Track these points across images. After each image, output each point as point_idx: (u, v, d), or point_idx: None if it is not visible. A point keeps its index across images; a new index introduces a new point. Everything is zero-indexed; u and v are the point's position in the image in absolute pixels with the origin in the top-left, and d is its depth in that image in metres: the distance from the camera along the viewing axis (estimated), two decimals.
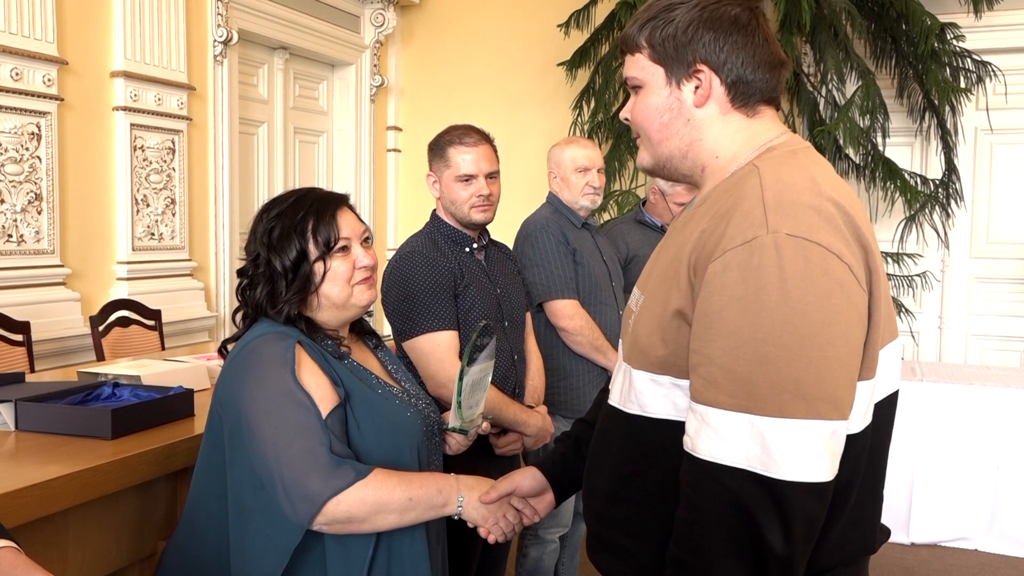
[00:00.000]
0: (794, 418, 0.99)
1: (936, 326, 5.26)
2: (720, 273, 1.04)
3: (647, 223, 3.24)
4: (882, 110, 4.70)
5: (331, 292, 1.54)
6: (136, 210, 4.10)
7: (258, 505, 1.44)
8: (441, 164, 2.27)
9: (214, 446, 1.52)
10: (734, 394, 1.02)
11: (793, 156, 1.17)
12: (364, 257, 1.57)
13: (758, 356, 1.00)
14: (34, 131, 3.60)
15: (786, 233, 1.02)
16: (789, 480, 0.99)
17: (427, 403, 1.70)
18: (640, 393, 1.18)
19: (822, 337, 1.00)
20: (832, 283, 1.01)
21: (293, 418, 1.41)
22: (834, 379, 1.01)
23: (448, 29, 5.97)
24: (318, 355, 1.51)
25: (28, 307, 3.52)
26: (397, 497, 1.43)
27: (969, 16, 4.62)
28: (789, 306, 1.00)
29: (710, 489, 1.03)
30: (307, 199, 1.57)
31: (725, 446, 1.02)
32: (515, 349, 2.33)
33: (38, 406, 1.86)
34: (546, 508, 1.60)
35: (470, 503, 1.52)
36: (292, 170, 5.51)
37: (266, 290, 1.53)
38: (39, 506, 1.51)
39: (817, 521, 1.03)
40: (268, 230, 1.54)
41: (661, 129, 1.22)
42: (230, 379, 1.50)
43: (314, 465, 1.38)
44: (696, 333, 1.07)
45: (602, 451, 1.29)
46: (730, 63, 1.18)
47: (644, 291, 1.24)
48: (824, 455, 1.01)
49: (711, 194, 1.19)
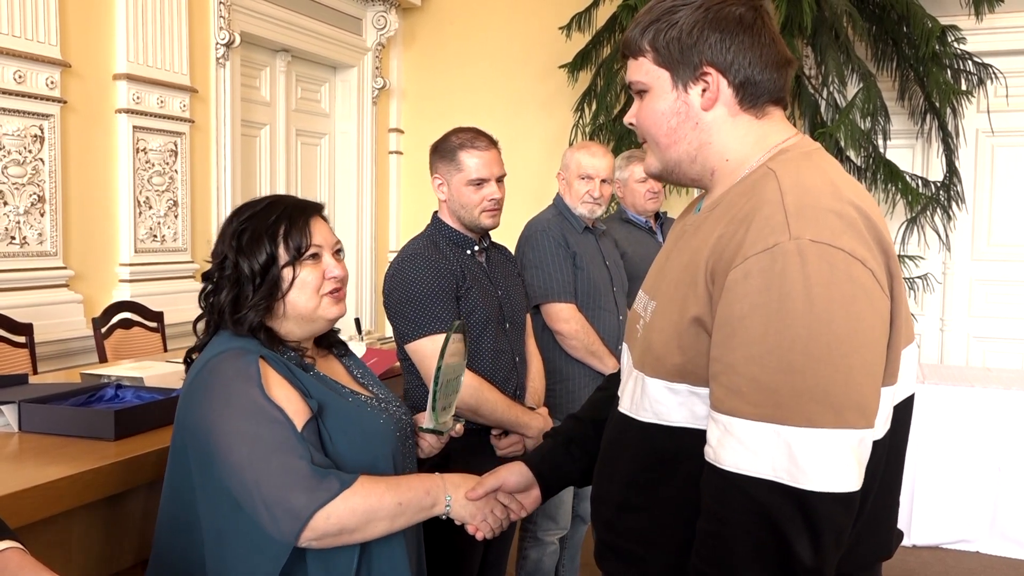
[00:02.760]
0: (822, 427, 0.97)
1: (938, 328, 5.26)
2: (742, 280, 1.02)
3: (631, 221, 3.31)
4: (883, 112, 4.70)
5: (298, 301, 1.48)
6: (138, 212, 4.11)
7: (236, 528, 1.38)
8: (451, 167, 2.24)
9: (180, 473, 1.46)
10: (759, 403, 1.00)
11: (808, 158, 1.15)
12: (335, 268, 1.52)
13: (783, 364, 0.98)
14: (37, 133, 3.61)
15: (809, 239, 1.00)
16: (817, 491, 0.97)
17: (398, 406, 1.65)
18: (655, 401, 1.16)
19: (848, 344, 0.98)
20: (857, 289, 1.00)
21: (267, 435, 1.35)
22: (861, 387, 1.00)
23: (450, 31, 5.98)
24: (283, 368, 1.45)
25: (31, 309, 3.52)
26: (387, 503, 1.39)
27: (970, 18, 4.62)
28: (814, 313, 0.98)
29: (735, 500, 1.01)
30: (280, 204, 1.52)
31: (751, 457, 1.00)
32: (516, 351, 2.33)
33: (41, 407, 1.86)
34: (533, 503, 1.58)
35: (457, 501, 1.49)
36: (294, 172, 5.52)
37: (231, 295, 1.47)
38: (43, 507, 1.51)
39: (845, 531, 1.01)
40: (238, 233, 1.49)
41: (669, 133, 1.20)
42: (192, 401, 1.44)
43: (296, 480, 1.33)
44: (717, 341, 1.05)
45: (613, 459, 1.27)
46: (737, 64, 1.16)
47: (655, 297, 1.22)
48: (852, 464, 0.99)
49: (724, 197, 1.17)
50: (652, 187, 3.25)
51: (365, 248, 5.99)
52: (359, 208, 5.92)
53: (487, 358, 2.22)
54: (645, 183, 3.26)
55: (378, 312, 5.97)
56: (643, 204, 3.28)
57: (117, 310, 3.75)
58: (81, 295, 3.86)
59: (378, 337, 3.51)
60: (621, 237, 3.20)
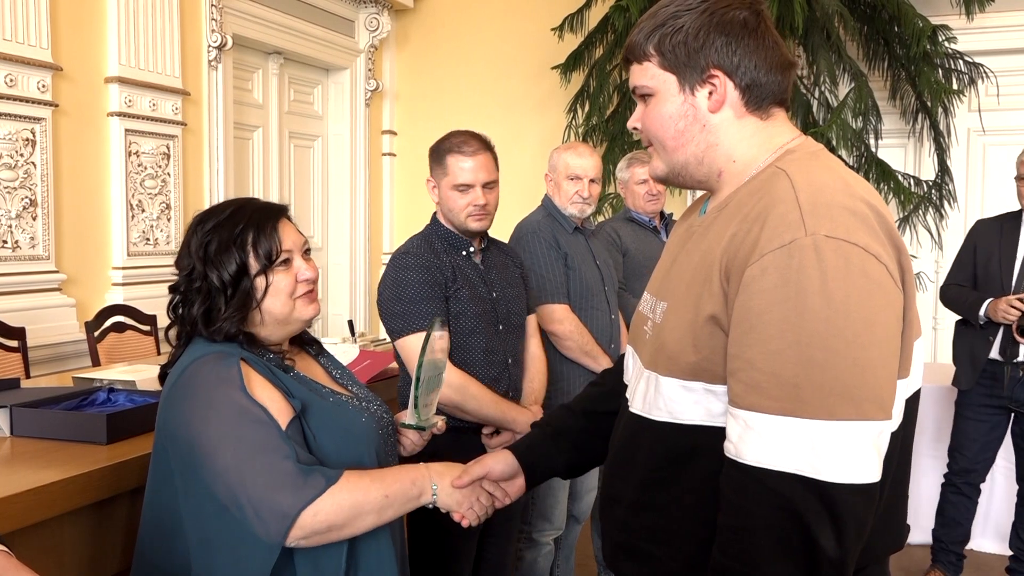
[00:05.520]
0: (843, 420, 0.99)
1: (930, 327, 5.27)
2: (759, 276, 1.03)
3: (636, 220, 3.34)
4: (875, 112, 4.72)
5: (273, 307, 1.48)
6: (131, 215, 4.11)
7: (222, 532, 1.37)
8: (440, 171, 2.26)
9: (162, 479, 1.44)
10: (779, 398, 1.01)
11: (815, 158, 1.17)
12: (306, 270, 1.52)
13: (803, 359, 1.00)
14: (29, 137, 3.60)
15: (824, 235, 1.02)
16: (840, 482, 0.99)
17: (378, 405, 1.65)
18: (670, 400, 1.17)
19: (866, 338, 1.00)
20: (872, 284, 1.01)
21: (251, 436, 1.35)
22: (879, 379, 1.02)
23: (442, 33, 5.98)
24: (264, 369, 1.45)
25: (23, 313, 3.52)
26: (373, 496, 1.39)
27: (961, 18, 4.64)
28: (832, 308, 1.00)
29: (758, 494, 1.02)
30: (246, 210, 1.50)
31: (772, 451, 1.01)
32: (509, 352, 2.32)
33: (33, 412, 1.86)
34: (517, 492, 1.59)
35: (443, 490, 1.49)
36: (287, 175, 5.52)
37: (203, 307, 1.46)
38: (34, 511, 1.51)
39: (867, 522, 1.03)
40: (204, 243, 1.46)
41: (676, 137, 1.22)
42: (173, 407, 1.42)
43: (282, 479, 1.32)
44: (735, 338, 1.06)
45: (626, 459, 1.27)
46: (743, 67, 1.17)
47: (665, 297, 1.23)
48: (872, 455, 1.01)
49: (733, 197, 1.18)
50: (651, 189, 3.29)
51: (359, 250, 5.98)
52: (352, 210, 5.91)
53: (478, 359, 2.23)
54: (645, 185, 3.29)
55: (372, 314, 5.96)
56: (643, 205, 3.32)
57: (110, 314, 3.74)
58: (74, 299, 3.85)
59: (372, 339, 3.51)
60: (625, 236, 3.25)
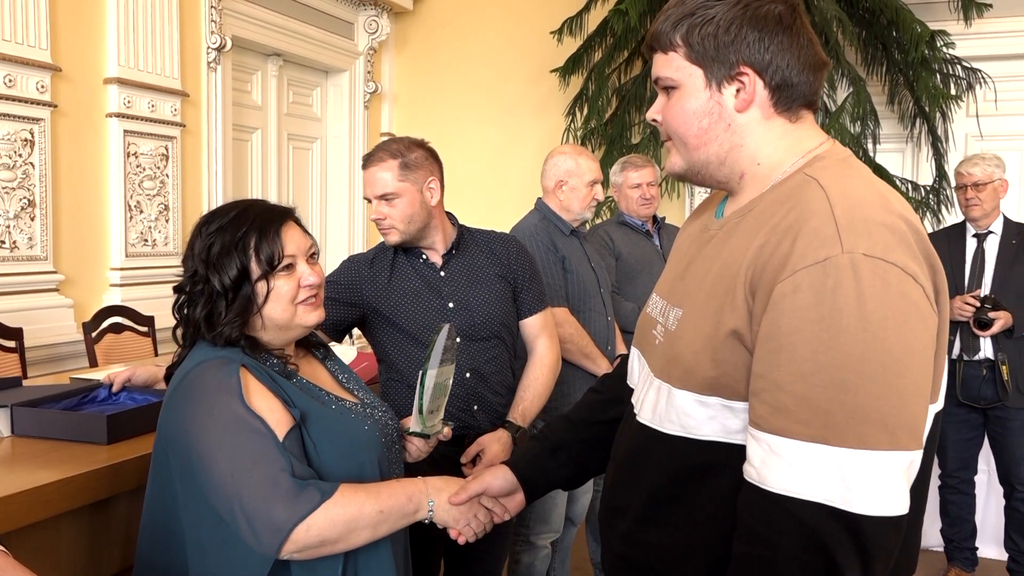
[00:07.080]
0: (876, 449, 0.94)
1: None
2: (790, 294, 0.98)
3: (629, 224, 3.36)
4: (873, 117, 4.73)
5: (274, 313, 1.46)
6: (129, 216, 4.10)
7: (218, 541, 1.36)
8: None
9: (162, 483, 1.44)
10: (808, 423, 0.95)
11: (847, 166, 1.11)
12: (310, 275, 1.48)
13: (835, 383, 0.94)
14: (27, 137, 3.60)
15: (863, 253, 0.96)
16: (870, 515, 0.94)
17: (383, 411, 1.63)
18: (684, 414, 1.12)
19: (902, 364, 0.95)
20: (910, 306, 0.96)
21: (248, 446, 1.33)
22: (913, 408, 0.97)
23: (441, 36, 5.98)
24: (265, 377, 1.43)
25: (21, 313, 3.51)
26: (367, 512, 1.37)
27: (959, 23, 4.65)
28: (869, 331, 0.94)
29: (782, 524, 0.97)
30: (249, 213, 1.47)
31: (800, 478, 0.96)
32: (468, 366, 2.14)
33: (34, 411, 1.86)
34: (517, 507, 1.55)
35: (440, 506, 1.47)
36: (286, 177, 5.52)
37: (205, 310, 1.44)
38: (32, 511, 1.51)
39: (894, 555, 0.97)
40: (207, 246, 1.44)
41: (700, 134, 1.15)
42: (174, 412, 1.41)
43: (276, 493, 1.31)
44: (761, 357, 1.00)
45: (633, 470, 1.23)
46: (775, 65, 1.11)
47: (680, 303, 1.17)
48: (903, 487, 0.96)
49: (757, 204, 1.12)
50: (644, 193, 3.29)
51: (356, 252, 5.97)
52: (351, 212, 5.91)
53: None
54: (638, 188, 3.30)
55: None
56: (636, 209, 3.33)
57: (108, 314, 3.74)
58: (71, 299, 3.84)
59: None
60: (618, 239, 3.25)
